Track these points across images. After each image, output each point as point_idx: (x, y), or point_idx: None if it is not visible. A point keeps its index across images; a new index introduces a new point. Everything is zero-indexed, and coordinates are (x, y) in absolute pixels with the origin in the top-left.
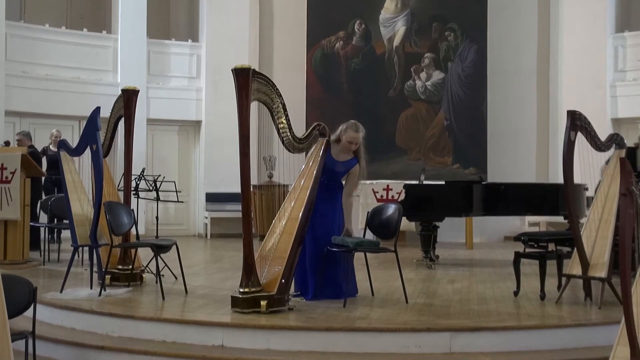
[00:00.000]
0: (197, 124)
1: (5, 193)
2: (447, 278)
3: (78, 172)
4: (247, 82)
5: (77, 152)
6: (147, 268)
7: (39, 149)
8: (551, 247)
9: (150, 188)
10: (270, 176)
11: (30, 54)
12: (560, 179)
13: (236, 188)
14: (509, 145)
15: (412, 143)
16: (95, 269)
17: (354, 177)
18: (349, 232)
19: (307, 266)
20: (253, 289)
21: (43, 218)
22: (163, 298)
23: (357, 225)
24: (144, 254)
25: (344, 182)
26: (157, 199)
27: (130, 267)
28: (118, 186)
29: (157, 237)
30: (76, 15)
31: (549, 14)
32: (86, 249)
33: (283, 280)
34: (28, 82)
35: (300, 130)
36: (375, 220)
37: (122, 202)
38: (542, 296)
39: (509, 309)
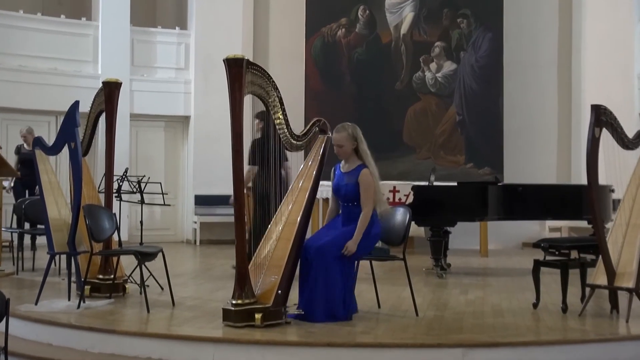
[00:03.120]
0: (186, 119)
1: None
2: (460, 288)
3: (55, 172)
4: (240, 73)
5: (53, 150)
6: (130, 278)
7: (13, 147)
8: (574, 254)
9: (134, 190)
10: None
11: (2, 43)
12: (583, 180)
13: (228, 190)
14: (528, 143)
15: (421, 140)
16: (73, 278)
17: (363, 185)
18: (348, 249)
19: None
20: (247, 301)
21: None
22: (148, 311)
23: None
24: (127, 262)
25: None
26: (142, 201)
27: (112, 276)
28: (99, 188)
29: (141, 243)
30: (53, 1)
31: None
32: (64, 256)
33: (280, 291)
34: (0, 74)
35: (298, 126)
36: (381, 225)
37: (103, 205)
38: (564, 308)
39: (527, 323)
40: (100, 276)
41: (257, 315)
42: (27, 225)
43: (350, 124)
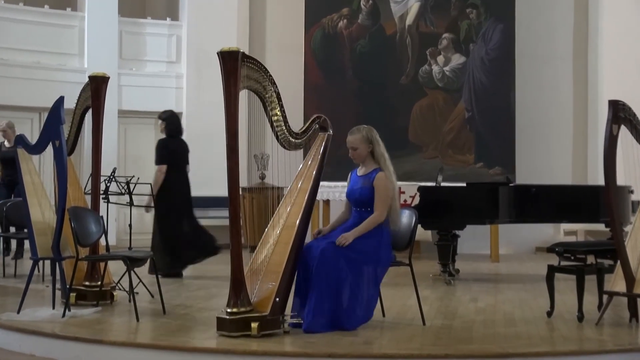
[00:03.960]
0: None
1: None
2: (469, 296)
3: (38, 172)
4: (235, 67)
5: (37, 149)
6: (118, 284)
7: None
8: (590, 259)
9: (123, 191)
10: (263, 177)
11: None
12: (600, 180)
13: (222, 191)
14: (541, 141)
15: (427, 138)
16: (58, 285)
17: (378, 188)
18: (344, 238)
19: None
20: (242, 309)
21: None
22: (137, 319)
23: None
24: (115, 268)
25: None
26: (130, 203)
27: (99, 283)
28: (85, 189)
29: (130, 248)
30: None
31: None
32: (48, 262)
33: (277, 299)
34: None
35: (297, 123)
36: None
37: (90, 207)
38: (580, 317)
39: (541, 332)
40: (87, 283)
41: (254, 325)
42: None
43: (365, 126)
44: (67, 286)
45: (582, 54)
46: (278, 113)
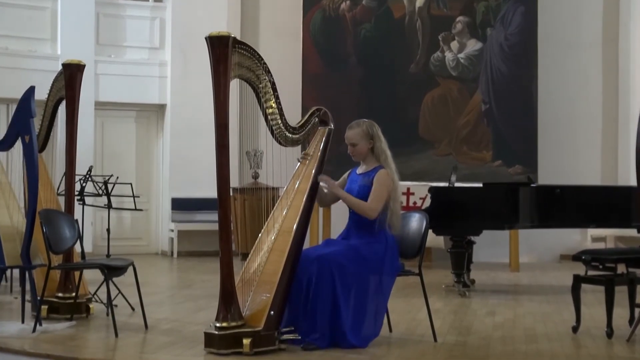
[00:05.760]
0: (161, 108)
1: None
2: (486, 309)
3: (5, 171)
4: (225, 54)
5: (4, 145)
6: (95, 296)
7: None
8: (621, 268)
9: (100, 192)
10: (256, 176)
11: None
12: (632, 180)
13: (211, 192)
14: (566, 137)
15: (440, 133)
16: (28, 297)
17: (377, 182)
18: (326, 180)
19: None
20: (233, 324)
21: None
22: (116, 335)
23: None
24: (92, 278)
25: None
26: (109, 206)
27: (74, 294)
28: (58, 190)
29: (108, 255)
30: None
31: None
32: (16, 271)
33: (272, 312)
34: None
35: (294, 116)
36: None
37: (63, 210)
38: (609, 332)
39: (566, 350)
40: (60, 294)
41: (246, 341)
42: None
43: (366, 120)
44: (38, 298)
45: (612, 40)
46: (273, 105)
